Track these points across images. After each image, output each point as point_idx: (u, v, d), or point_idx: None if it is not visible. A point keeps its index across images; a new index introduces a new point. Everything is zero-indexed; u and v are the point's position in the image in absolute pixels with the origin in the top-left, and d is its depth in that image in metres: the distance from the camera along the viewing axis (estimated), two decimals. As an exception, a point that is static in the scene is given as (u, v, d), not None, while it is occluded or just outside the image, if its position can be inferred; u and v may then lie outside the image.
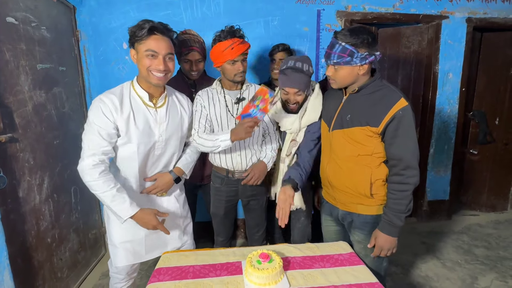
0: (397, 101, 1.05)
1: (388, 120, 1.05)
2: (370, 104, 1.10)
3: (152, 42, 1.08)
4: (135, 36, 1.08)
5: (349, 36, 1.05)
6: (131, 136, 1.14)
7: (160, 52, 1.09)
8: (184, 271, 1.09)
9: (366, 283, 1.03)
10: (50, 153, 1.58)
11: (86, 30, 1.94)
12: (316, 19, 2.10)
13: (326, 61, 1.13)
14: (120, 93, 1.14)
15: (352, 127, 1.13)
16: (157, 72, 1.11)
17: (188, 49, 1.45)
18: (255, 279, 1.00)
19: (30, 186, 1.43)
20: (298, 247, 1.25)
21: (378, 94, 1.10)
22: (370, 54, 1.06)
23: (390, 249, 1.14)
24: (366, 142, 1.12)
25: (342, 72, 1.09)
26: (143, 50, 1.08)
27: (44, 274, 1.52)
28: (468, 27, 2.27)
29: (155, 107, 1.19)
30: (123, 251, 1.22)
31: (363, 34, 1.05)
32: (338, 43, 1.06)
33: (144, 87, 1.16)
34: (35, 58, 1.50)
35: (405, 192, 1.08)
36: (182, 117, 1.28)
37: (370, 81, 1.13)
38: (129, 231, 1.22)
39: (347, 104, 1.18)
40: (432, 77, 2.34)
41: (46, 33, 1.59)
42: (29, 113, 1.43)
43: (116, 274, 1.29)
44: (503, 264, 2.00)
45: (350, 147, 1.15)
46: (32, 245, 1.43)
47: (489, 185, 2.71)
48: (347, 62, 1.06)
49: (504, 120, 2.59)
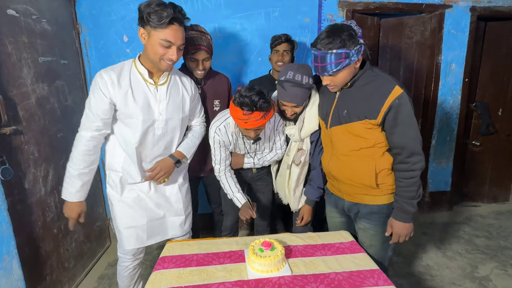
0: (391, 90, 1.03)
1: (385, 111, 1.04)
2: (365, 97, 1.08)
3: (170, 33, 1.05)
4: (150, 20, 1.03)
5: (334, 41, 1.00)
6: (129, 112, 1.14)
7: (176, 43, 1.08)
8: (188, 259, 1.12)
9: (367, 269, 1.05)
10: (54, 145, 1.60)
11: (86, 23, 1.94)
12: (317, 9, 2.07)
13: (321, 74, 1.08)
14: (121, 69, 1.15)
15: (350, 122, 1.12)
16: (168, 61, 1.11)
17: (195, 48, 1.39)
18: (258, 266, 1.02)
19: (35, 178, 1.45)
20: (300, 236, 1.27)
21: (372, 85, 1.08)
22: (360, 44, 1.04)
23: (407, 234, 1.15)
24: (367, 135, 1.11)
25: (341, 75, 1.06)
26: (159, 38, 1.05)
27: (52, 263, 1.55)
28: (472, 16, 2.24)
29: (156, 84, 1.19)
30: (127, 235, 1.27)
31: (342, 31, 1.01)
32: (328, 53, 1.01)
33: (146, 65, 1.16)
34: (37, 51, 1.50)
35: (413, 179, 1.08)
36: (184, 97, 1.27)
37: (361, 72, 1.10)
38: (132, 218, 1.26)
39: (342, 99, 1.16)
40: (434, 67, 2.32)
41: (47, 25, 1.59)
42: (32, 106, 1.45)
43: (124, 255, 1.34)
44: (504, 253, 2.02)
45: (351, 142, 1.14)
46: (39, 235, 1.46)
47: (490, 176, 2.71)
48: (347, 64, 1.03)
49: (507, 111, 2.57)
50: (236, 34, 2.05)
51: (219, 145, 1.36)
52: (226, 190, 1.43)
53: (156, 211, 1.31)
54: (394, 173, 1.13)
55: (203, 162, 1.68)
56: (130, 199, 1.26)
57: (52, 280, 1.55)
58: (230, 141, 1.37)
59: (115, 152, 1.23)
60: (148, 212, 1.28)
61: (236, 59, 2.09)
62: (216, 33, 2.03)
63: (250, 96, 1.13)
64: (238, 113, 1.17)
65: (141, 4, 1.06)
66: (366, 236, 1.23)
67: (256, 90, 1.16)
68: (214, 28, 2.02)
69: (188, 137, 1.36)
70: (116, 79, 1.11)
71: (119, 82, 1.12)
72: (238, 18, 2.03)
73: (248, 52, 2.09)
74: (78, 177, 1.17)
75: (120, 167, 1.23)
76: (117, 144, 1.22)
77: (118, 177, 1.25)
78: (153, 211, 1.30)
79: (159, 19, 1.02)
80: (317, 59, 1.05)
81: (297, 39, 2.10)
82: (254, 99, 1.13)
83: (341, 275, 1.02)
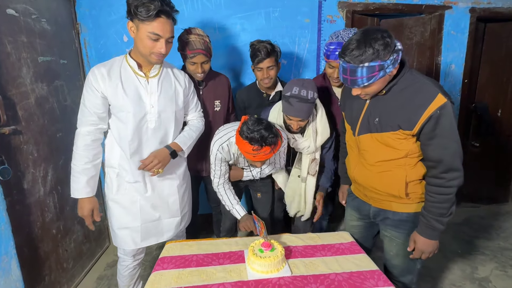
0: (433, 99, 0.91)
1: (423, 122, 0.92)
2: (401, 104, 0.96)
3: (157, 25, 1.06)
4: (137, 14, 1.04)
5: (365, 53, 0.87)
6: (120, 105, 1.15)
7: (164, 36, 1.08)
8: (188, 260, 1.11)
9: (367, 270, 1.04)
10: (53, 146, 1.60)
11: (86, 23, 1.93)
12: (317, 10, 2.08)
13: (351, 86, 0.96)
14: (111, 63, 1.17)
15: (382, 132, 1.01)
16: (157, 55, 1.12)
17: (194, 52, 1.39)
18: (258, 267, 1.02)
19: (34, 178, 1.45)
20: (300, 236, 1.26)
21: (410, 91, 0.95)
22: (397, 52, 0.90)
23: (432, 252, 1.05)
24: (400, 146, 1.00)
25: (375, 86, 0.95)
26: (147, 31, 1.06)
27: (50, 264, 1.55)
28: (472, 18, 2.24)
29: (147, 77, 1.19)
30: (120, 236, 1.27)
31: (376, 40, 0.87)
32: (359, 66, 0.89)
33: (136, 59, 1.17)
34: (36, 51, 1.50)
35: (446, 196, 0.96)
36: (177, 90, 1.27)
37: (399, 77, 0.97)
38: (125, 219, 1.26)
39: (374, 105, 1.04)
40: (434, 68, 2.32)
41: (46, 25, 1.59)
42: (31, 105, 1.44)
43: (123, 255, 1.34)
44: (503, 254, 2.02)
45: (381, 152, 1.04)
46: (38, 235, 1.46)
47: (490, 177, 2.71)
48: (381, 77, 0.91)
49: (507, 112, 2.57)
50: (236, 34, 2.05)
51: (220, 162, 1.36)
52: (225, 202, 1.43)
53: (152, 213, 1.29)
54: (426, 186, 1.01)
55: (205, 161, 1.68)
56: (124, 200, 1.25)
57: (51, 280, 1.54)
58: (231, 157, 1.38)
59: (112, 149, 1.24)
60: (142, 214, 1.27)
61: (236, 60, 2.09)
62: (216, 33, 2.03)
63: (259, 130, 1.11)
64: (246, 147, 1.15)
65: None
66: (392, 245, 1.16)
67: (265, 124, 1.14)
68: (214, 28, 2.02)
69: (185, 130, 1.36)
70: (106, 73, 1.13)
71: (110, 75, 1.13)
72: (238, 18, 2.03)
73: (248, 53, 2.08)
74: (82, 172, 1.18)
75: (117, 163, 1.23)
76: (114, 141, 1.23)
77: (115, 174, 1.24)
78: (148, 213, 1.28)
79: (147, 11, 1.02)
80: (346, 71, 0.93)
81: (297, 39, 2.10)
82: (264, 135, 1.11)
83: (341, 276, 1.01)
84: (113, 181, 1.25)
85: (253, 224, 1.29)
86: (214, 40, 2.02)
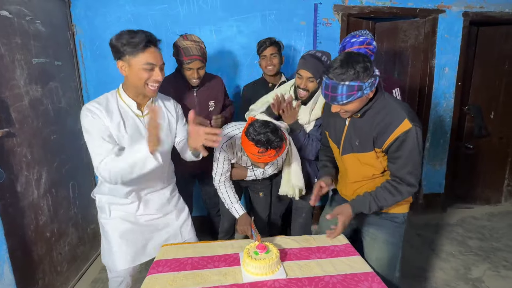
0: (400, 124, 1.02)
1: (390, 142, 1.05)
2: (375, 126, 1.08)
3: (149, 56, 1.05)
4: (126, 50, 1.03)
5: (347, 72, 0.96)
6: (121, 142, 1.11)
7: (158, 63, 1.08)
8: (183, 263, 1.11)
9: (361, 272, 1.05)
10: (48, 148, 1.58)
11: (81, 24, 1.92)
12: (313, 13, 2.09)
13: (331, 103, 1.05)
14: (106, 102, 1.11)
15: (363, 152, 1.12)
16: (154, 83, 1.09)
17: (190, 58, 1.41)
18: (253, 269, 1.02)
19: (28, 181, 1.43)
20: (295, 238, 1.27)
21: (382, 114, 1.07)
22: (374, 77, 1.00)
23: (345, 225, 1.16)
24: (377, 164, 1.13)
25: (352, 104, 1.03)
26: (141, 63, 1.05)
27: (44, 268, 1.53)
28: (465, 21, 2.28)
29: (143, 115, 1.17)
30: (121, 252, 1.20)
31: (358, 62, 0.96)
32: (340, 84, 0.98)
33: (131, 96, 1.14)
34: (30, 52, 1.48)
35: (394, 199, 1.10)
36: (170, 123, 1.26)
37: (372, 101, 1.08)
38: (125, 233, 1.20)
39: (352, 128, 1.14)
40: (428, 71, 2.35)
41: (41, 27, 1.58)
42: (25, 107, 1.43)
43: (116, 278, 1.26)
44: (496, 255, 2.04)
45: (363, 171, 1.16)
46: (31, 239, 1.44)
47: (483, 178, 2.75)
48: (359, 97, 1.00)
49: (499, 114, 2.61)
50: (232, 36, 2.06)
51: (223, 160, 1.36)
52: (225, 200, 1.44)
53: (148, 227, 1.26)
54: (384, 182, 1.12)
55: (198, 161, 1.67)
56: (120, 217, 1.21)
57: (44, 284, 1.52)
58: (234, 156, 1.39)
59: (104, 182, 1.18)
60: (141, 227, 1.24)
61: (232, 62, 2.10)
62: (212, 36, 2.04)
63: (266, 133, 1.13)
64: (252, 149, 1.16)
65: (111, 39, 1.05)
66: (373, 247, 1.22)
67: (272, 126, 1.15)
68: (210, 31, 2.03)
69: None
70: (105, 112, 1.08)
71: (110, 115, 1.09)
72: (234, 21, 2.03)
73: (244, 55, 2.10)
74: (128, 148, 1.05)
75: (107, 190, 1.19)
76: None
77: (105, 198, 1.21)
78: (145, 226, 1.25)
79: (136, 45, 1.02)
80: (328, 87, 1.02)
81: (293, 42, 2.11)
82: (270, 138, 1.13)
83: (335, 278, 1.02)
84: (104, 205, 1.21)
85: (250, 231, 1.29)
86: (210, 42, 2.04)
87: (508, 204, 2.79)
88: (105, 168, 1.04)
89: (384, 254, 1.20)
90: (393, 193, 1.09)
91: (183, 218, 1.37)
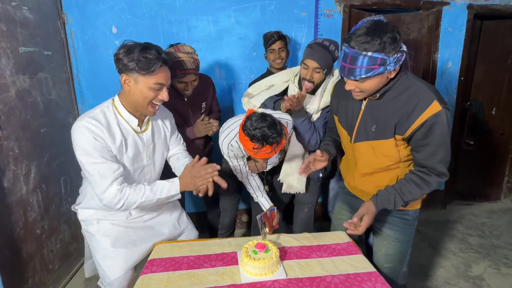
0: (428, 105, 0.89)
1: (416, 128, 0.91)
2: (397, 110, 0.94)
3: (161, 75, 0.98)
4: (137, 68, 0.94)
5: (372, 41, 0.83)
6: (123, 164, 1.05)
7: (166, 84, 1.01)
8: (178, 262, 1.06)
9: (364, 272, 1.01)
10: (37, 142, 1.52)
11: (72, 12, 1.84)
12: (314, 4, 2.02)
13: (347, 76, 0.91)
14: (105, 118, 1.00)
15: (379, 139, 0.99)
16: (158, 102, 1.03)
17: (183, 73, 1.34)
18: (251, 269, 0.98)
19: (15, 176, 1.37)
20: (295, 236, 1.23)
21: (405, 96, 0.93)
22: (402, 52, 0.87)
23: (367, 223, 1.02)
24: (394, 153, 1.00)
25: (370, 82, 0.90)
26: (151, 83, 0.97)
27: (34, 266, 1.48)
28: (469, 14, 2.22)
29: (142, 131, 1.10)
30: (114, 257, 1.12)
31: (386, 32, 0.83)
32: (362, 54, 0.85)
33: (130, 110, 1.05)
34: (17, 41, 1.41)
35: (422, 191, 0.98)
36: (166, 136, 1.21)
37: (393, 82, 0.94)
38: (116, 238, 1.13)
39: (369, 112, 1.01)
40: (431, 65, 2.30)
41: (28, 14, 1.50)
42: (12, 99, 1.36)
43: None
44: (496, 252, 2.03)
45: (378, 161, 1.04)
46: (20, 236, 1.38)
47: (483, 175, 2.73)
48: (380, 73, 0.87)
49: (501, 110, 2.58)
50: (231, 27, 1.99)
51: (235, 158, 1.32)
52: (252, 193, 1.42)
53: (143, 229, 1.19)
54: (408, 174, 1.00)
55: (204, 148, 1.62)
56: (110, 222, 1.13)
57: (34, 282, 1.47)
58: (243, 153, 1.33)
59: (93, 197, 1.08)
60: (134, 229, 1.17)
61: (230, 54, 2.03)
62: (210, 26, 1.96)
63: (262, 128, 1.06)
64: (247, 144, 1.11)
65: (118, 52, 0.95)
66: (383, 243, 1.15)
67: (269, 121, 1.08)
68: (207, 21, 1.95)
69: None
70: (107, 132, 0.98)
71: (112, 135, 1.00)
72: (233, 11, 1.96)
73: (243, 47, 2.03)
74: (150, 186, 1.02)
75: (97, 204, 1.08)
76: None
77: (92, 212, 1.12)
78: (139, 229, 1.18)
79: (150, 65, 0.94)
80: (347, 58, 0.88)
81: (293, 33, 2.04)
82: (266, 134, 1.06)
83: (337, 278, 0.98)
84: (91, 216, 1.12)
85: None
86: (207, 33, 1.97)
87: (507, 201, 2.78)
88: (115, 197, 0.97)
89: (393, 250, 1.15)
90: (420, 186, 0.97)
91: (177, 213, 1.31)
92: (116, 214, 1.12)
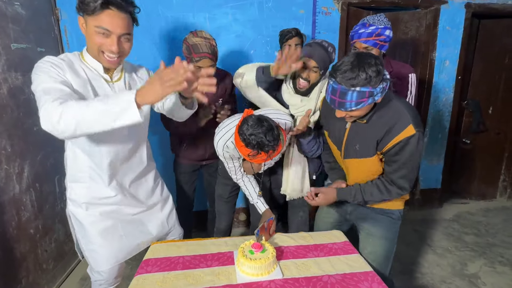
0: (404, 128, 0.98)
1: (391, 146, 1.01)
2: (379, 129, 1.02)
3: (105, 19, 0.89)
4: (83, 6, 0.88)
5: (358, 76, 0.88)
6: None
7: (114, 31, 0.91)
8: (174, 262, 1.05)
9: (360, 272, 1.01)
10: (30, 140, 1.49)
11: (66, 8, 1.80)
12: (312, 1, 2.00)
13: (339, 108, 0.97)
14: (68, 58, 0.95)
15: (364, 157, 1.08)
16: (110, 53, 0.94)
17: (199, 56, 1.32)
18: (248, 269, 0.97)
19: (8, 175, 1.34)
20: (291, 236, 1.22)
21: (386, 117, 1.01)
22: (386, 81, 0.92)
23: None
24: (379, 168, 1.11)
25: (360, 110, 0.97)
26: (93, 25, 0.89)
27: (28, 265, 1.46)
28: (467, 13, 2.22)
29: (112, 81, 1.04)
30: (103, 253, 1.11)
31: (370, 65, 0.88)
32: (350, 89, 0.90)
33: (94, 56, 0.98)
34: (9, 37, 1.38)
35: (382, 196, 1.09)
36: None
37: (378, 105, 1.01)
38: (106, 230, 1.11)
39: (354, 132, 1.09)
40: (429, 64, 2.29)
41: (20, 9, 1.46)
42: (4, 96, 1.33)
43: (99, 281, 1.17)
44: (492, 250, 2.04)
45: (367, 173, 1.13)
46: (13, 236, 1.36)
47: (479, 173, 2.74)
48: (369, 103, 0.94)
49: (498, 109, 2.59)
50: (228, 24, 1.96)
51: (230, 159, 1.31)
52: (248, 195, 1.40)
53: (131, 223, 1.17)
54: (376, 179, 1.11)
55: (206, 147, 1.60)
56: (99, 212, 1.10)
57: (28, 282, 1.45)
58: (240, 154, 1.29)
59: (76, 161, 1.05)
60: (123, 223, 1.14)
61: (227, 52, 2.00)
62: (206, 23, 1.94)
63: (258, 134, 1.01)
64: (242, 150, 1.07)
65: None
66: (368, 241, 1.19)
67: (266, 126, 1.03)
68: (204, 18, 1.93)
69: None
70: (67, 67, 0.92)
71: (75, 71, 0.94)
72: (230, 8, 1.94)
73: (240, 44, 2.01)
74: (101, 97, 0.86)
75: (87, 176, 1.06)
76: (80, 151, 1.04)
77: (84, 189, 1.07)
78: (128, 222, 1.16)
79: (92, 2, 0.87)
80: (336, 92, 0.93)
81: (291, 31, 2.02)
82: (262, 141, 1.01)
83: (334, 278, 0.97)
84: (80, 197, 1.07)
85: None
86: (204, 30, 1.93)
87: (503, 199, 2.79)
88: (55, 109, 0.79)
89: (379, 248, 1.18)
90: (381, 191, 1.08)
91: (167, 210, 1.29)
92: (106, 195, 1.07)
